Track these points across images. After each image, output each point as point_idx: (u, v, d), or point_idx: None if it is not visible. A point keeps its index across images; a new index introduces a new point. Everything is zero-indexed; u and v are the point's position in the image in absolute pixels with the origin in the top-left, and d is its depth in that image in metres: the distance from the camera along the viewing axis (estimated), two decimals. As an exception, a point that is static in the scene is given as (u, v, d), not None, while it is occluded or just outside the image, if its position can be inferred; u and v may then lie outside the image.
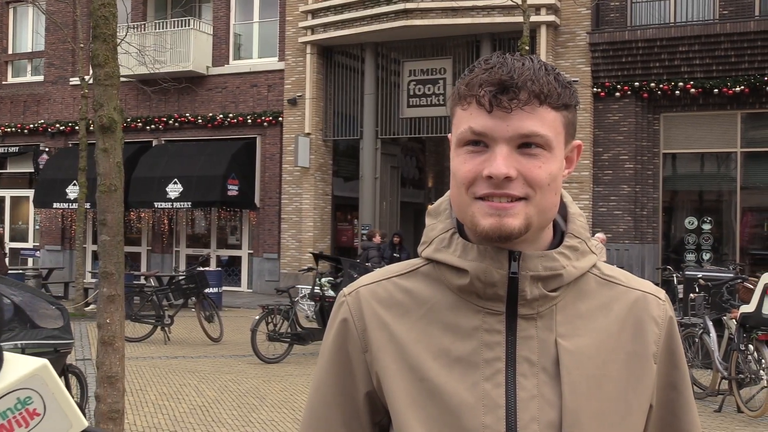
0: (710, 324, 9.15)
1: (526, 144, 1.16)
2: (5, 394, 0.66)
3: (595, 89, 16.88)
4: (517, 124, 1.15)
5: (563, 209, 1.31)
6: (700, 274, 11.39)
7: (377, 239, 16.54)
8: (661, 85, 16.33)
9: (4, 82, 24.61)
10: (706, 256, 16.60)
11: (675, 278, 13.87)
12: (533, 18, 15.73)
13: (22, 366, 0.67)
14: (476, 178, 1.17)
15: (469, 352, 1.19)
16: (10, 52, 24.89)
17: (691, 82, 16.10)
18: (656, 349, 1.26)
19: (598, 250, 13.54)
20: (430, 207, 1.34)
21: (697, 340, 9.42)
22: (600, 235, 14.05)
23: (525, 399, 1.17)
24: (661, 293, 1.31)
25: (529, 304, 1.20)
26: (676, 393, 1.29)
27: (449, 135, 1.27)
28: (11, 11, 24.81)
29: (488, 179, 1.15)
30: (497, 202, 1.16)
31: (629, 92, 16.65)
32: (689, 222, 16.97)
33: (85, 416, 4.36)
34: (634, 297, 1.27)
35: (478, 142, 1.17)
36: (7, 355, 0.67)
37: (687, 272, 12.08)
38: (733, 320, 8.72)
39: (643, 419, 1.24)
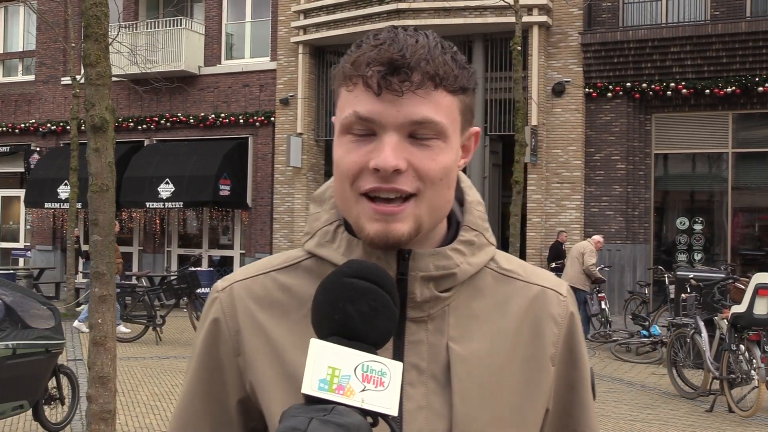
0: (702, 324, 9.19)
1: (418, 132, 1.04)
2: (378, 361, 0.93)
3: (587, 90, 16.92)
4: (408, 110, 1.02)
5: (460, 194, 1.18)
6: (691, 275, 11.44)
7: None
8: (652, 86, 16.38)
9: (-6, 82, 24.52)
10: (697, 257, 16.65)
11: (666, 278, 13.94)
12: (525, 18, 15.74)
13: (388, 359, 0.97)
14: (361, 170, 1.04)
15: None
16: (0, 51, 24.80)
17: (683, 83, 16.15)
18: (554, 351, 1.16)
19: (588, 252, 13.57)
20: (315, 193, 1.21)
21: (688, 340, 9.45)
22: (597, 238, 14.07)
23: (412, 410, 1.07)
24: (563, 287, 1.21)
25: (419, 307, 1.09)
26: (574, 393, 1.20)
27: (333, 118, 1.14)
28: (2, 10, 24.72)
29: (375, 172, 1.03)
30: (384, 204, 1.04)
31: (621, 93, 16.69)
32: (681, 222, 17.02)
33: (74, 416, 4.34)
34: (534, 293, 1.17)
35: (364, 129, 1.04)
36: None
37: (678, 272, 12.13)
38: (725, 320, 8.76)
39: (538, 426, 1.16)
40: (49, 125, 23.01)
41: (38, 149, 23.12)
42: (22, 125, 23.39)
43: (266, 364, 1.10)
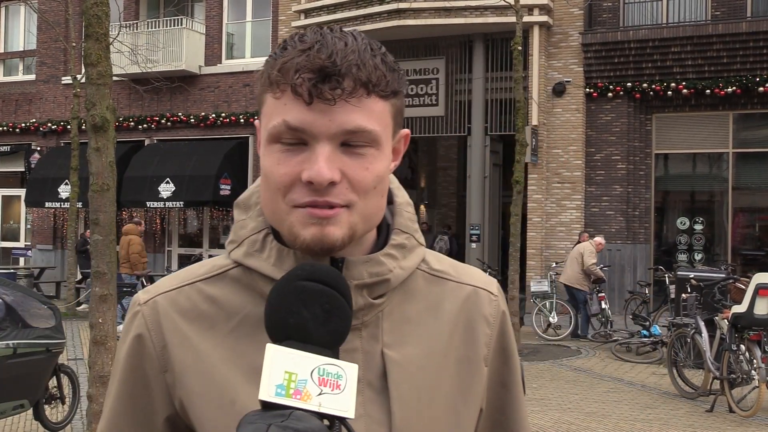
0: (702, 324, 9.19)
1: (351, 141, 1.00)
2: (333, 365, 0.93)
3: (587, 90, 16.91)
4: (341, 119, 0.99)
5: (389, 196, 1.15)
6: (692, 275, 11.43)
7: None
8: (653, 86, 16.38)
9: (-5, 81, 24.53)
10: (697, 257, 16.65)
11: (667, 278, 13.92)
12: (526, 18, 15.74)
13: (342, 360, 0.97)
14: (294, 182, 1.01)
15: None
16: (1, 50, 24.80)
17: (684, 83, 16.15)
18: (487, 352, 1.16)
19: (588, 252, 13.57)
20: (238, 199, 1.17)
21: (689, 340, 9.45)
22: (599, 239, 14.06)
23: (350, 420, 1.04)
24: (493, 286, 1.20)
25: (354, 315, 1.04)
26: (506, 391, 1.20)
27: (256, 122, 1.10)
28: (3, 10, 24.72)
29: (308, 184, 0.99)
30: (318, 209, 1.00)
31: (621, 93, 16.69)
32: (681, 222, 17.02)
33: (75, 416, 4.33)
34: (466, 294, 1.16)
35: (295, 139, 1.01)
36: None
37: (679, 272, 12.12)
38: (725, 320, 8.75)
39: (473, 427, 1.15)
40: (49, 125, 23.01)
41: (39, 149, 23.12)
42: (23, 125, 23.39)
43: (195, 380, 1.06)
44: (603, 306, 13.65)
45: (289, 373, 0.92)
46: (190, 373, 1.06)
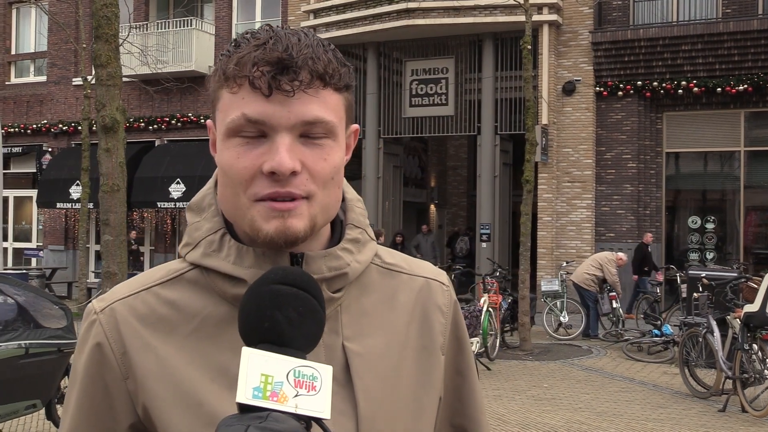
0: (714, 323, 9.14)
1: (309, 132, 1.02)
2: (309, 366, 0.94)
3: (597, 88, 16.87)
4: (299, 110, 1.01)
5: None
6: (703, 274, 11.38)
7: (383, 239, 16.59)
8: (663, 84, 16.32)
9: (7, 83, 24.64)
10: (709, 256, 16.58)
11: (678, 278, 13.87)
12: (535, 17, 15.71)
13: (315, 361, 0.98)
14: (254, 175, 1.01)
15: None
16: (13, 52, 24.91)
17: (694, 81, 16.09)
18: (443, 340, 1.19)
19: (611, 263, 13.52)
20: (191, 202, 1.16)
21: (700, 339, 9.41)
22: (621, 255, 14.01)
23: None
24: (443, 277, 1.24)
25: None
26: (461, 378, 1.24)
27: (208, 122, 1.12)
28: (14, 12, 24.83)
29: (270, 175, 1.00)
30: (279, 201, 1.02)
31: (632, 91, 16.64)
32: (692, 221, 16.95)
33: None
34: (419, 285, 1.20)
35: (254, 131, 1.02)
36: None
37: (690, 271, 12.07)
38: (737, 319, 8.71)
39: (433, 414, 1.18)
40: (60, 126, 23.10)
41: (50, 150, 23.21)
42: (34, 126, 23.49)
43: (159, 385, 1.04)
44: (614, 305, 13.62)
45: (265, 375, 0.92)
46: (153, 378, 1.05)
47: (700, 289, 10.73)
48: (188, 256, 1.11)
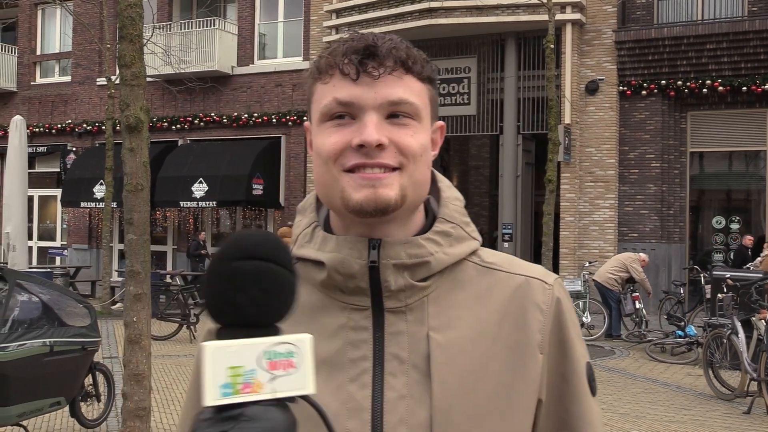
0: (738, 325, 9.06)
1: (395, 114, 1.09)
2: (283, 343, 0.88)
3: (621, 87, 16.76)
4: (385, 91, 1.08)
5: (438, 194, 1.21)
6: (728, 274, 11.29)
7: None
8: (688, 83, 16.18)
9: (32, 83, 24.88)
10: (734, 256, 16.42)
11: (702, 278, 13.76)
12: (558, 16, 15.64)
13: (295, 333, 0.90)
14: (344, 149, 1.08)
15: (333, 353, 1.10)
16: (38, 53, 25.15)
17: (719, 80, 15.94)
18: (541, 338, 1.14)
19: (636, 264, 13.44)
20: (299, 204, 1.25)
21: (725, 341, 9.32)
22: (643, 256, 13.92)
23: (393, 400, 1.08)
24: (549, 277, 1.20)
25: (396, 296, 1.11)
26: (567, 385, 1.17)
27: (306, 124, 1.19)
28: (39, 12, 25.07)
29: (358, 149, 1.07)
30: (370, 173, 1.07)
31: (656, 90, 16.52)
32: (717, 221, 16.80)
33: (110, 413, 4.36)
34: (516, 283, 1.17)
35: (344, 115, 1.09)
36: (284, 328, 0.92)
37: (714, 272, 11.98)
38: (762, 321, 8.63)
39: (528, 415, 1.14)
40: (84, 125, 23.29)
41: (74, 149, 23.41)
42: (59, 126, 23.71)
43: None
44: (638, 306, 13.53)
45: (233, 368, 0.87)
46: None
47: (725, 290, 10.64)
48: (292, 251, 1.17)
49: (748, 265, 14.55)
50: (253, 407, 0.85)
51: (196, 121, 21.66)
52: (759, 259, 14.22)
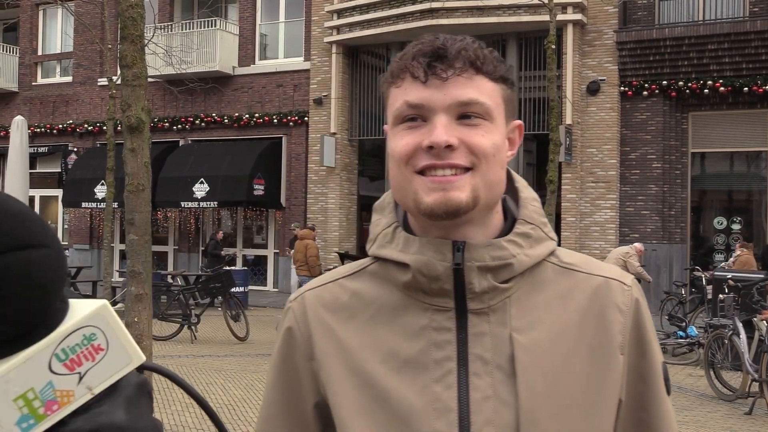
0: (740, 325, 9.05)
1: (465, 114, 1.09)
2: (73, 332, 0.73)
3: (622, 88, 16.75)
4: (454, 92, 1.09)
5: (515, 194, 1.22)
6: (729, 275, 11.27)
7: None
8: (689, 84, 16.18)
9: (33, 83, 24.89)
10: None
11: (704, 279, 13.75)
12: (560, 17, 15.63)
13: (84, 306, 0.74)
14: (416, 150, 1.09)
15: (417, 353, 1.11)
16: (39, 53, 25.16)
17: (721, 81, 15.93)
18: (622, 339, 1.15)
19: (632, 256, 13.42)
20: (375, 203, 1.26)
21: (726, 341, 9.31)
22: (638, 245, 13.91)
23: (478, 400, 1.09)
24: (627, 278, 1.20)
25: (479, 298, 1.12)
26: (645, 385, 1.18)
27: (385, 127, 1.19)
28: (41, 13, 25.08)
29: (429, 150, 1.08)
30: (440, 175, 1.08)
31: (657, 91, 16.51)
32: (718, 222, 16.79)
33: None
34: (596, 284, 1.17)
35: (415, 117, 1.10)
36: (71, 300, 0.75)
37: (716, 273, 11.96)
38: (764, 321, 8.62)
39: (611, 416, 1.14)
40: (86, 126, 23.30)
41: (75, 149, 23.42)
42: (60, 126, 23.72)
43: (336, 365, 1.15)
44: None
45: (22, 396, 0.72)
46: (331, 359, 1.15)
47: (726, 291, 10.62)
48: (370, 251, 1.21)
49: (722, 264, 14.59)
50: (76, 421, 0.72)
51: (197, 122, 21.67)
52: (732, 259, 14.24)
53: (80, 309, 0.76)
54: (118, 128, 9.62)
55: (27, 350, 0.71)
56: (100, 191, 20.62)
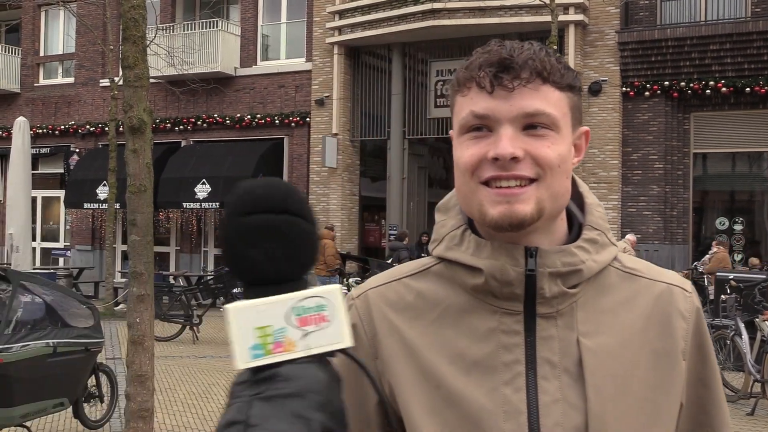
0: (742, 326, 9.05)
1: (531, 125, 1.09)
2: (311, 297, 0.84)
3: (624, 89, 16.74)
4: (520, 103, 1.08)
5: (579, 200, 1.22)
6: (731, 276, 11.28)
7: (407, 241, 16.59)
8: (691, 84, 16.16)
9: (35, 84, 24.91)
10: (737, 258, 16.39)
11: (706, 279, 13.74)
12: (561, 17, 15.63)
13: (323, 285, 0.88)
14: (481, 161, 1.09)
15: (486, 355, 1.12)
16: (41, 54, 25.18)
17: (723, 81, 15.92)
18: (684, 345, 1.17)
19: (627, 250, 13.44)
20: (439, 203, 1.27)
21: (728, 342, 9.31)
22: (630, 237, 13.93)
23: (547, 403, 1.10)
24: (687, 284, 1.23)
25: (548, 302, 1.13)
26: (705, 389, 1.20)
27: (451, 132, 1.20)
28: (43, 14, 25.10)
29: (494, 161, 1.08)
30: (505, 188, 1.08)
31: (659, 91, 16.49)
32: (720, 222, 16.78)
33: (113, 414, 4.38)
34: (659, 290, 1.19)
35: (481, 127, 1.10)
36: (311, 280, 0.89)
37: (718, 273, 11.95)
38: (766, 322, 8.61)
39: (673, 420, 1.16)
40: (88, 127, 23.32)
41: (77, 150, 23.44)
42: (62, 127, 23.73)
43: (403, 365, 1.15)
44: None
45: (260, 328, 0.84)
46: (398, 359, 1.15)
47: (728, 291, 10.62)
48: (434, 251, 1.21)
49: (694, 264, 14.59)
50: (288, 366, 0.83)
51: (199, 122, 21.67)
52: (707, 256, 14.22)
53: (319, 285, 0.89)
54: (120, 129, 9.65)
55: (279, 295, 0.85)
56: (102, 192, 20.63)
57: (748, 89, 15.70)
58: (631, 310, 1.16)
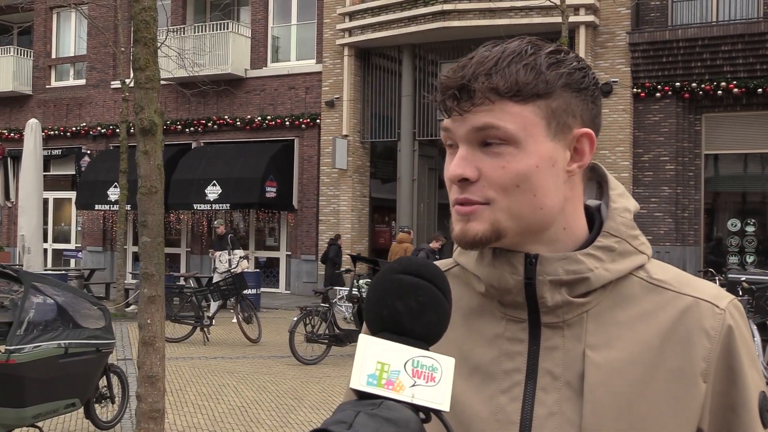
0: (755, 328, 9.00)
1: (486, 139, 1.05)
2: (429, 357, 0.93)
3: (635, 90, 16.70)
4: (472, 120, 1.06)
5: (608, 202, 1.17)
6: (743, 277, 11.21)
7: (438, 244, 16.60)
8: (702, 85, 16.11)
9: (47, 86, 25.04)
10: (749, 259, 16.33)
11: (717, 281, 13.67)
12: (572, 18, 15.60)
13: (442, 354, 0.96)
14: (451, 183, 1.09)
15: (488, 361, 1.10)
16: (53, 56, 25.31)
17: (734, 82, 15.85)
18: (706, 366, 1.07)
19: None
20: None
21: (740, 344, 9.26)
22: None
23: (542, 416, 1.06)
24: (722, 300, 1.10)
25: (553, 312, 1.08)
26: (734, 415, 1.08)
27: None
28: (54, 16, 25.23)
29: (456, 182, 1.08)
30: (461, 206, 1.08)
31: (670, 92, 16.44)
32: (732, 224, 16.71)
33: (124, 415, 4.38)
34: (685, 305, 1.09)
35: (452, 144, 1.10)
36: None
37: (730, 275, 11.90)
38: (778, 324, 8.56)
39: None
40: (99, 128, 23.42)
41: (89, 152, 23.54)
42: (74, 128, 23.84)
43: None
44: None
45: (381, 363, 0.92)
46: None
47: (740, 293, 10.57)
48: (453, 254, 1.22)
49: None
50: (392, 402, 0.90)
51: (209, 124, 21.73)
52: None
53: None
54: (131, 131, 9.65)
55: (407, 345, 0.93)
56: (113, 193, 20.71)
57: (760, 90, 15.64)
58: (649, 325, 1.08)
